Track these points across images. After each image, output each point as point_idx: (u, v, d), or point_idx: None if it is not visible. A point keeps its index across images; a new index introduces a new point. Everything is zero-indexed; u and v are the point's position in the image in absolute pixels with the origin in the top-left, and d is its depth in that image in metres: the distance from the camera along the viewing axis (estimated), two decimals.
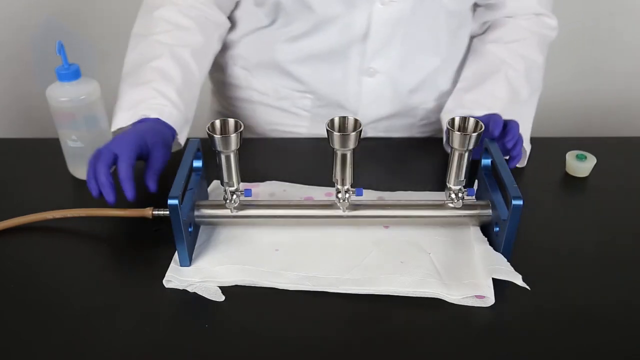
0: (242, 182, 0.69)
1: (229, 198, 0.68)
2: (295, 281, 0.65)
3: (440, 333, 0.60)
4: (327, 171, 0.68)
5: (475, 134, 0.64)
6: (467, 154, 0.66)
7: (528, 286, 0.64)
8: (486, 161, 0.74)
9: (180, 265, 0.67)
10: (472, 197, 0.74)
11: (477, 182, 0.77)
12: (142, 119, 0.79)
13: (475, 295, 0.63)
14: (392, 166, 0.89)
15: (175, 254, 0.68)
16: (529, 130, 0.89)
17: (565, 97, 1.54)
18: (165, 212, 0.70)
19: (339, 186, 0.68)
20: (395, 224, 0.73)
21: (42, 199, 0.78)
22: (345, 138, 0.63)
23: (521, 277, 0.64)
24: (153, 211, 0.70)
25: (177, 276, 0.66)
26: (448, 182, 0.69)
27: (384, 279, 0.65)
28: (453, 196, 0.69)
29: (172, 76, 0.83)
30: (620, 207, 0.79)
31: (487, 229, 0.72)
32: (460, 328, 0.60)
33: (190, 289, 0.64)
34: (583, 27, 1.43)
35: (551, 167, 0.87)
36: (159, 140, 0.76)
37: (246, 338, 0.59)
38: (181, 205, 0.63)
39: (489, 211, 0.71)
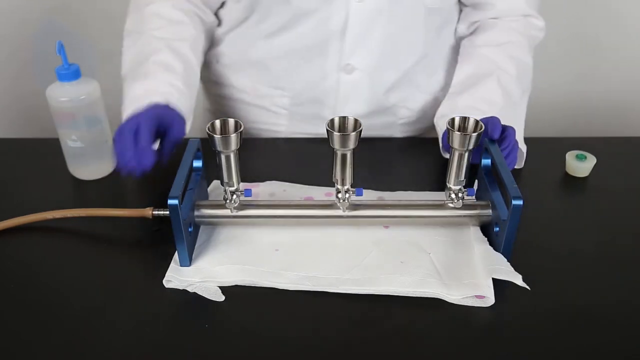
0: (242, 182, 0.69)
1: (229, 198, 0.69)
2: (295, 281, 0.65)
3: (440, 333, 0.60)
4: (327, 171, 0.68)
5: (475, 134, 0.64)
6: (467, 154, 0.66)
7: (528, 286, 0.64)
8: (486, 161, 0.74)
9: (180, 265, 0.67)
10: (472, 197, 0.74)
11: (477, 182, 0.77)
12: (152, 106, 0.78)
13: (475, 295, 0.63)
14: (392, 166, 0.89)
15: (175, 254, 0.68)
16: (522, 131, 0.89)
17: (565, 97, 1.54)
18: (165, 212, 0.70)
19: (339, 186, 0.68)
20: (395, 224, 0.73)
21: (42, 199, 0.78)
22: (345, 138, 0.63)
23: (521, 277, 0.64)
24: (153, 211, 0.70)
25: (177, 276, 0.66)
26: (448, 182, 0.69)
27: (384, 279, 0.65)
28: (453, 196, 0.69)
29: (175, 67, 0.84)
30: (620, 207, 0.79)
31: (487, 229, 0.72)
32: (460, 328, 0.60)
33: (190, 289, 0.64)
34: (584, 28, 1.43)
35: (551, 167, 0.87)
36: (176, 115, 0.76)
37: (246, 338, 0.59)
38: (181, 205, 0.63)
39: (489, 211, 0.71)
